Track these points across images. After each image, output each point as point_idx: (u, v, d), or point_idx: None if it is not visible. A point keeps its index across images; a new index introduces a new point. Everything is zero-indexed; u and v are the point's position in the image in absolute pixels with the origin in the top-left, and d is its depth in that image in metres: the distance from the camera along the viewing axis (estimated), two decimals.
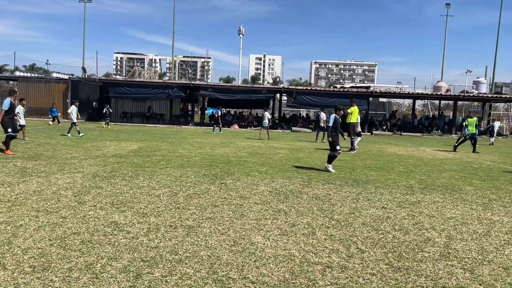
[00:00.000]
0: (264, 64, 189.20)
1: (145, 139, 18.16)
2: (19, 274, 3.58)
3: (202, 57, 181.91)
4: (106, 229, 4.95)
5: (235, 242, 4.70)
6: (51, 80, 37.39)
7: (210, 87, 36.11)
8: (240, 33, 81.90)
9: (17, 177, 7.88)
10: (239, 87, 39.18)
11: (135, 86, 35.51)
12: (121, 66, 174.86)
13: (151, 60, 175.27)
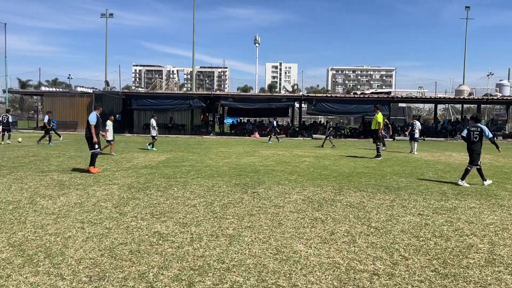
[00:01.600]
0: (280, 72, 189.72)
1: (171, 150, 18.43)
2: (78, 284, 3.73)
3: (219, 67, 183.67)
4: (151, 239, 5.09)
5: (278, 250, 4.77)
6: (75, 94, 38.33)
7: (231, 97, 36.42)
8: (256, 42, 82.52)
9: (56, 190, 8.13)
10: (259, 95, 39.41)
11: (157, 98, 36.10)
12: (140, 79, 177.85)
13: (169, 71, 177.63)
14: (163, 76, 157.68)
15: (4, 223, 5.61)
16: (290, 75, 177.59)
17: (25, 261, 4.22)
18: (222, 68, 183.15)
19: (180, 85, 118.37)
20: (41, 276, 3.85)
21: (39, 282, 3.72)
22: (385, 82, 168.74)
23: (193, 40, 48.39)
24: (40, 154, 15.29)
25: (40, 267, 4.07)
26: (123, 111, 36.74)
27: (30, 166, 11.53)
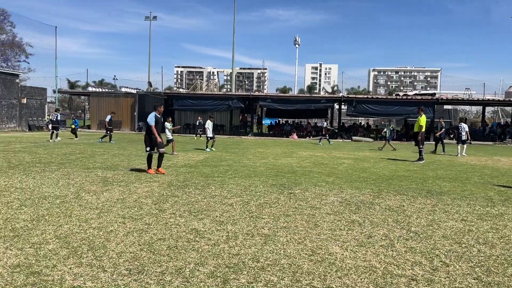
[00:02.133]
0: (320, 73, 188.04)
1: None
2: (118, 276, 3.87)
3: (258, 68, 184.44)
4: (188, 235, 5.20)
5: (313, 251, 4.74)
6: (120, 95, 39.70)
7: (269, 98, 36.48)
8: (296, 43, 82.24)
9: (100, 186, 8.47)
10: (297, 97, 39.23)
11: (197, 98, 36.76)
12: (181, 80, 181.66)
13: (209, 73, 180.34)
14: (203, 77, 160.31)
15: (52, 216, 5.91)
16: (330, 76, 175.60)
17: (69, 253, 4.43)
18: (261, 69, 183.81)
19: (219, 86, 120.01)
20: (84, 268, 4.03)
21: (82, 273, 3.89)
22: (429, 84, 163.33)
23: (233, 41, 48.92)
24: (86, 151, 15.96)
25: (83, 259, 4.26)
26: (164, 111, 37.62)
27: (77, 163, 12.07)
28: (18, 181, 8.66)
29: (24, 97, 34.16)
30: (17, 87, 33.73)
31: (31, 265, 4.04)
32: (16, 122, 33.10)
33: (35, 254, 4.35)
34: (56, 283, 3.65)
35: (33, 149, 16.51)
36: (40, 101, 36.75)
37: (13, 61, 47.31)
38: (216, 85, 54.98)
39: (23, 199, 6.99)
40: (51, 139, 21.78)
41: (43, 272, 3.89)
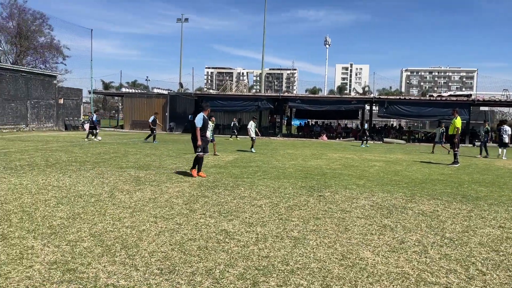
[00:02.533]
0: (350, 73, 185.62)
1: (238, 151, 18.80)
2: (150, 275, 3.94)
3: (288, 69, 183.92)
4: (218, 236, 5.24)
5: (343, 256, 4.68)
6: (152, 95, 40.52)
7: (299, 99, 36.34)
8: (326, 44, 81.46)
9: (133, 185, 8.66)
10: (327, 97, 38.89)
11: (227, 99, 37.04)
12: (211, 80, 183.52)
13: (239, 73, 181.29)
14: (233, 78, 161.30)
15: (87, 214, 6.09)
16: (361, 77, 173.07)
17: (103, 251, 4.55)
18: (291, 70, 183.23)
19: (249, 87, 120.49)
20: (117, 266, 4.13)
21: (115, 271, 3.99)
22: (465, 84, 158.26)
23: (263, 42, 49.00)
24: (120, 151, 16.37)
25: (116, 257, 4.36)
26: (195, 112, 38.13)
27: (111, 162, 12.40)
28: (55, 180, 8.98)
29: (61, 97, 35.40)
30: (55, 88, 34.98)
31: (67, 262, 4.18)
32: (54, 121, 34.33)
33: (71, 251, 4.49)
34: (91, 281, 3.76)
35: (69, 148, 17.08)
36: (76, 102, 37.98)
37: (51, 63, 49.09)
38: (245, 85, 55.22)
39: (59, 197, 7.24)
40: (87, 138, 22.81)
41: (79, 269, 4.01)
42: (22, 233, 5.08)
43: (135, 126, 38.80)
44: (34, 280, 3.71)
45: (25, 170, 10.19)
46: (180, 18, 56.24)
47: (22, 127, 31.01)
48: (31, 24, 46.58)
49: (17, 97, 30.56)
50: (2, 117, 29.19)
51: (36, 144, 18.84)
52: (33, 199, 6.96)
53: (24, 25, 45.70)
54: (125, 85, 73.09)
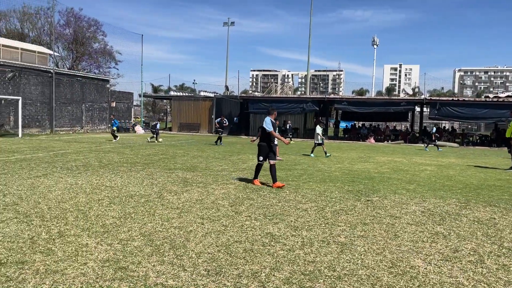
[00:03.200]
0: (399, 74, 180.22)
1: (284, 153, 18.74)
2: (197, 276, 4.00)
3: (334, 70, 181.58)
4: (264, 239, 5.23)
5: (393, 263, 4.52)
6: (199, 98, 41.39)
7: (345, 100, 35.73)
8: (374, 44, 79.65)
9: (181, 186, 8.86)
10: (375, 99, 37.96)
11: (272, 101, 37.08)
12: (256, 83, 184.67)
13: (284, 75, 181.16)
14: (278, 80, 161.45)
15: (137, 214, 6.30)
16: (410, 77, 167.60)
17: (153, 251, 4.67)
18: (337, 71, 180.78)
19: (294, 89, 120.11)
20: (166, 266, 4.23)
21: (164, 271, 4.09)
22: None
23: (309, 44, 48.64)
24: (168, 153, 16.83)
25: (165, 257, 4.47)
26: (240, 114, 38.54)
27: (159, 164, 12.77)
28: (108, 180, 9.36)
29: (113, 100, 36.97)
30: (108, 91, 36.59)
31: (119, 260, 4.33)
32: (106, 124, 35.90)
33: (123, 250, 4.66)
34: (141, 279, 3.87)
35: (121, 149, 17.78)
36: (127, 105, 39.52)
37: (104, 67, 51.48)
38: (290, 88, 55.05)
39: (112, 197, 7.54)
40: (149, 139, 24.33)
41: (130, 267, 4.14)
42: (77, 231, 5.33)
43: (183, 128, 39.77)
44: (88, 277, 3.88)
45: (80, 171, 10.71)
46: (227, 22, 57.10)
47: (78, 129, 32.66)
48: (86, 31, 49.08)
49: (73, 101, 32.24)
50: (59, 119, 30.90)
51: (90, 145, 19.77)
52: (88, 199, 7.30)
53: (79, 32, 48.23)
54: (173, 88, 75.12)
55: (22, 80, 27.44)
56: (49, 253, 4.48)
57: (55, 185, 8.47)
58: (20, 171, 10.26)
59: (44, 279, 3.79)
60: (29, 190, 7.88)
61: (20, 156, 13.90)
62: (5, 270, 3.97)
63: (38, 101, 28.84)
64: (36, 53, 32.92)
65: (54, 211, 6.30)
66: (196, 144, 23.01)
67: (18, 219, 5.82)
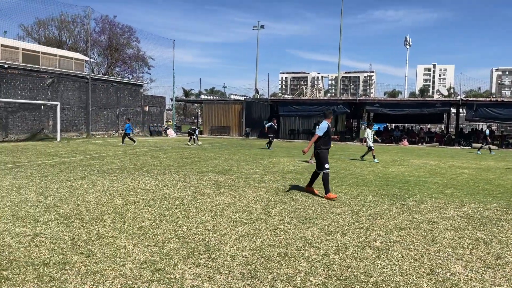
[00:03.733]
0: (433, 74, 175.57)
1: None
2: (232, 279, 4.02)
3: (365, 72, 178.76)
4: (298, 243, 5.20)
5: (432, 270, 4.40)
6: (229, 101, 41.71)
7: (377, 102, 35.10)
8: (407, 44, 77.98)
9: (213, 189, 8.94)
10: (408, 100, 37.13)
11: (302, 104, 36.92)
12: (286, 86, 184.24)
13: (314, 78, 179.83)
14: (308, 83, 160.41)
15: (172, 217, 6.40)
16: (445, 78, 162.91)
17: (188, 253, 4.73)
18: (368, 72, 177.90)
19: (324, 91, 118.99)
20: (201, 268, 4.27)
21: (199, 274, 4.13)
22: None
23: (340, 46, 48.13)
24: (200, 156, 17.03)
25: (200, 260, 4.52)
26: (270, 117, 38.52)
27: (192, 167, 12.93)
28: (143, 183, 9.57)
29: (146, 105, 37.78)
30: (141, 96, 37.45)
31: (155, 262, 4.41)
32: (140, 127, 36.73)
33: (159, 252, 4.74)
34: (178, 281, 3.92)
35: (154, 153, 18.14)
36: (159, 109, 40.30)
37: (137, 72, 52.77)
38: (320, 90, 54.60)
39: (147, 199, 7.69)
40: (189, 143, 25.08)
41: (166, 270, 4.21)
42: (115, 233, 5.47)
43: (213, 131, 40.16)
44: (127, 278, 3.96)
45: (116, 173, 11.00)
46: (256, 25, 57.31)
47: (112, 133, 33.57)
48: (120, 37, 50.45)
49: (108, 105, 33.18)
50: (95, 123, 31.86)
51: (124, 148, 20.27)
52: (124, 201, 7.48)
53: (114, 39, 49.64)
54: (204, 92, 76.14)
55: (60, 86, 28.49)
56: (89, 254, 4.62)
57: (93, 188, 8.73)
58: (60, 174, 10.64)
59: (85, 280, 3.90)
60: (69, 193, 8.15)
61: (59, 159, 14.42)
62: (48, 270, 4.12)
63: (75, 106, 29.86)
64: (73, 60, 34.12)
65: (92, 213, 6.49)
66: (227, 147, 23.18)
67: (59, 220, 6.03)
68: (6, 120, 24.50)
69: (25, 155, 15.46)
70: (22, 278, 3.90)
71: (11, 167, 11.93)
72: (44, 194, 7.92)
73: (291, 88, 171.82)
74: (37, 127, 26.58)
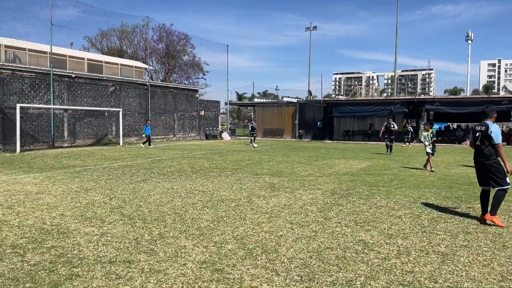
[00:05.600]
0: (499, 70, 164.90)
1: (372, 157, 18.12)
2: (290, 282, 4.01)
3: (423, 69, 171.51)
4: (356, 247, 5.09)
5: (503, 277, 4.12)
6: (282, 104, 41.76)
7: (437, 101, 33.55)
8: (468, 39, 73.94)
9: (269, 191, 8.98)
10: (471, 98, 35.13)
11: (356, 104, 36.14)
12: (339, 86, 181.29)
13: (368, 77, 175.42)
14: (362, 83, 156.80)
15: (229, 218, 6.50)
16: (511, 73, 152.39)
17: (246, 254, 4.79)
18: (426, 70, 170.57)
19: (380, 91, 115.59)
20: (259, 269, 4.30)
21: (258, 275, 4.16)
22: None
23: (396, 43, 46.62)
24: (254, 158, 17.18)
25: (258, 261, 4.55)
26: (324, 119, 38.07)
27: (247, 169, 13.08)
28: (200, 185, 9.81)
29: (202, 109, 38.76)
30: (197, 101, 38.48)
31: (214, 262, 4.51)
32: (196, 131, 37.75)
33: (218, 252, 4.83)
34: (237, 282, 3.98)
35: (210, 155, 18.55)
36: (214, 113, 41.17)
37: (193, 78, 54.33)
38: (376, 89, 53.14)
39: (205, 201, 7.88)
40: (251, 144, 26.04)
41: (225, 270, 4.28)
42: (176, 233, 5.65)
43: (266, 134, 40.37)
44: (188, 278, 4.08)
45: (175, 176, 11.37)
46: (309, 27, 56.93)
47: (170, 137, 34.77)
48: (177, 45, 52.20)
49: (166, 111, 34.43)
50: (154, 128, 33.16)
51: (182, 152, 20.92)
52: (183, 202, 7.71)
53: (171, 46, 51.46)
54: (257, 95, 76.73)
55: (122, 93, 29.99)
56: (152, 253, 4.81)
57: (154, 190, 9.09)
58: (123, 177, 11.19)
59: (149, 278, 4.07)
60: (132, 194, 8.55)
61: (122, 163, 15.17)
62: (114, 268, 4.34)
63: (136, 111, 31.28)
64: (133, 68, 35.79)
65: (154, 214, 6.76)
66: (281, 150, 23.19)
67: (123, 221, 6.34)
68: (74, 126, 26.18)
69: (91, 159, 16.43)
70: (91, 275, 4.14)
71: (79, 170, 12.72)
72: (109, 196, 8.36)
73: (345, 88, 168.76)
74: (102, 133, 28.13)
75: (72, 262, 4.50)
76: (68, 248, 4.97)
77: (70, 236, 5.50)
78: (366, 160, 16.80)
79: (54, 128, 24.38)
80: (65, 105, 25.34)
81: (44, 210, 7.07)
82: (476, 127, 6.72)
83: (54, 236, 5.50)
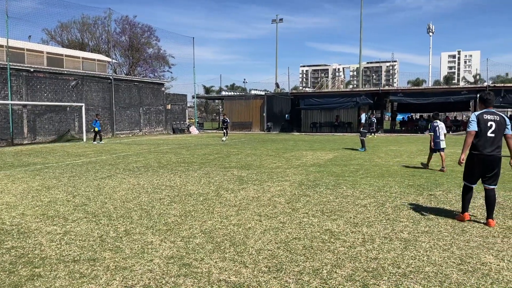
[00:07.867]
0: (458, 62, 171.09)
1: (338, 148, 18.44)
2: (258, 273, 4.03)
3: (387, 61, 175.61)
4: (323, 236, 5.17)
5: (462, 260, 4.30)
6: (250, 97, 41.73)
7: (400, 92, 34.48)
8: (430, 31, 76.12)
9: (237, 184, 8.98)
10: (433, 89, 36.30)
11: (323, 96, 36.62)
12: (306, 79, 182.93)
13: (335, 69, 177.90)
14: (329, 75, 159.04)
15: (197, 212, 6.46)
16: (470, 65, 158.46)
17: (214, 247, 4.77)
18: (390, 62, 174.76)
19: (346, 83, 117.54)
20: (227, 262, 4.30)
21: (226, 268, 4.16)
22: None
23: (360, 36, 47.39)
24: (222, 152, 17.12)
25: (226, 254, 4.55)
26: (291, 111, 38.39)
27: (215, 163, 13.02)
28: (167, 180, 9.69)
29: (168, 103, 38.18)
30: (163, 94, 37.86)
31: (182, 257, 4.47)
32: (163, 126, 37.19)
33: (185, 247, 4.80)
34: (205, 276, 3.96)
35: (178, 150, 18.34)
36: (181, 107, 40.66)
37: (158, 71, 53.36)
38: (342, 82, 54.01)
39: (172, 196, 7.79)
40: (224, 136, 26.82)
41: (193, 264, 4.26)
42: (142, 229, 5.56)
43: (235, 127, 40.29)
44: (155, 273, 4.03)
45: (141, 171, 11.18)
46: (275, 19, 57.03)
47: (136, 132, 34.10)
48: (141, 37, 51.05)
49: (131, 105, 33.70)
50: (119, 123, 32.43)
51: (149, 147, 20.57)
52: (150, 198, 7.59)
53: (134, 39, 50.27)
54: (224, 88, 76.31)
55: (84, 87, 29.10)
56: (118, 250, 4.71)
57: (119, 186, 8.90)
58: (87, 174, 10.89)
59: (114, 275, 3.99)
60: (96, 191, 8.34)
61: (85, 159, 14.76)
62: (78, 267, 4.23)
63: (100, 106, 30.44)
64: (96, 61, 34.75)
65: (119, 211, 6.62)
66: (249, 143, 23.22)
67: (87, 218, 6.17)
68: (34, 122, 25.20)
69: (53, 156, 15.89)
70: (54, 275, 4.01)
71: (40, 168, 12.28)
72: (72, 193, 8.13)
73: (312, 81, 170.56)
74: (64, 129, 27.24)
75: (33, 262, 4.35)
76: (29, 248, 4.80)
77: (31, 235, 5.31)
78: (333, 151, 17.09)
79: (13, 125, 23.40)
80: (24, 100, 24.34)
81: (3, 209, 6.79)
82: (484, 116, 5.62)
83: (14, 236, 5.30)
